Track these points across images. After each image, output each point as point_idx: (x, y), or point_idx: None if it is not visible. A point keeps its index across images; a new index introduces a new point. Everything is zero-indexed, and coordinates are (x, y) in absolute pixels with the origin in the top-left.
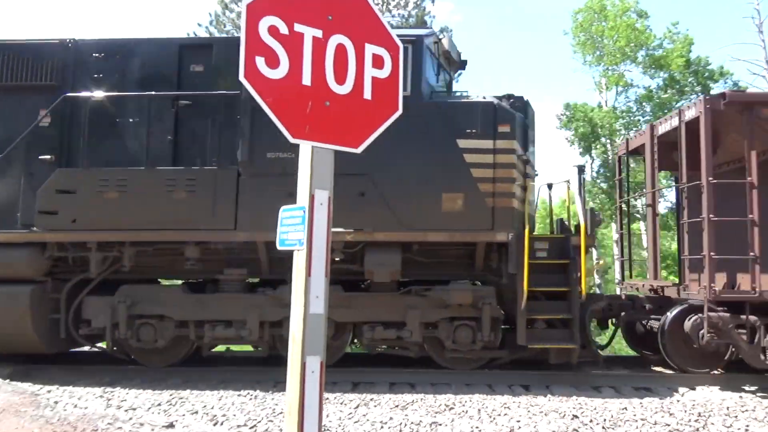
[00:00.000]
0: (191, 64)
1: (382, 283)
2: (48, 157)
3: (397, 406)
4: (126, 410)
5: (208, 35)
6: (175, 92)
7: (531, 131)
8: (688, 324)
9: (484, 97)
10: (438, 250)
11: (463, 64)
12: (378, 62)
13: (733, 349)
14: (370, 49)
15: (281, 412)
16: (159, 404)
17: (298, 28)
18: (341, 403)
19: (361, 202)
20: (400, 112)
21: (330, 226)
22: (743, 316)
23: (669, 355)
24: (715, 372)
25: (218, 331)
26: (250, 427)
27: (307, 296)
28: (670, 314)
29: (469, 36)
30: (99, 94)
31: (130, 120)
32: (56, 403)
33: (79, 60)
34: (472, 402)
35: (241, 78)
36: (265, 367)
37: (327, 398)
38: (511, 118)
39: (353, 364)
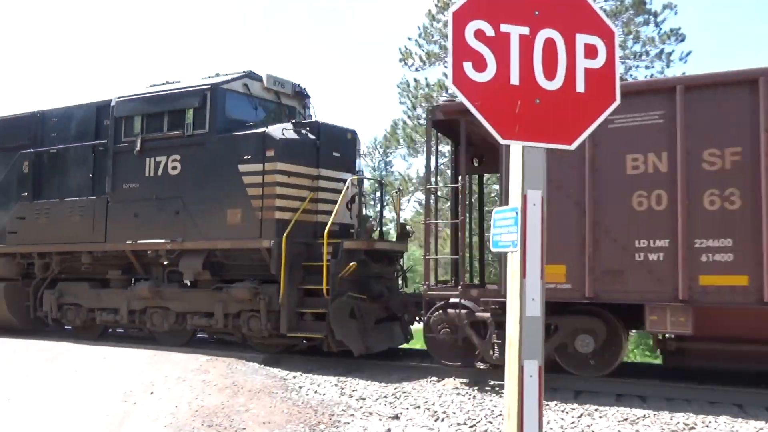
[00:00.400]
0: (104, 120)
1: (204, 281)
2: (25, 193)
3: (625, 419)
4: (357, 399)
5: (417, 47)
6: (90, 142)
7: (326, 150)
8: (431, 318)
9: (266, 127)
10: (237, 255)
11: (300, 95)
12: (591, 52)
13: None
14: (582, 39)
15: (500, 414)
16: (385, 396)
17: (504, 28)
18: (563, 411)
19: (176, 219)
20: (617, 102)
21: (544, 227)
22: (478, 313)
23: (429, 348)
24: (480, 365)
25: (105, 316)
26: (470, 426)
27: (522, 299)
28: (431, 311)
29: None
30: (51, 148)
31: (69, 164)
32: (300, 387)
33: (43, 124)
34: (718, 424)
35: (449, 84)
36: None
37: (547, 404)
38: (276, 143)
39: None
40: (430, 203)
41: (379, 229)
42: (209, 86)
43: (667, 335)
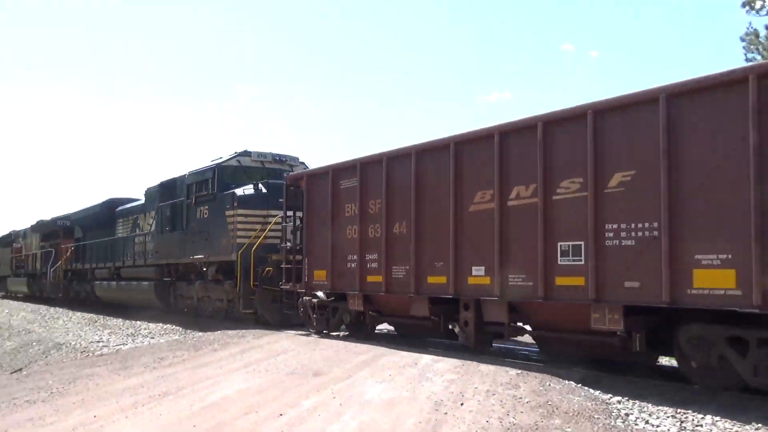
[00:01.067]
0: (183, 186)
1: (217, 280)
2: (160, 229)
3: None
4: None
5: (744, 58)
6: (178, 199)
7: (272, 199)
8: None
9: (235, 189)
10: (227, 264)
11: (280, 161)
12: None
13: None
14: None
15: None
16: None
17: None
18: None
19: (205, 243)
20: None
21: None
22: (329, 299)
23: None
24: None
25: (183, 302)
26: None
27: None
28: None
29: None
30: (168, 202)
31: (175, 212)
32: (627, 415)
33: (162, 188)
34: None
35: None
36: None
37: None
38: (237, 198)
39: None
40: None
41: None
42: (215, 166)
43: None
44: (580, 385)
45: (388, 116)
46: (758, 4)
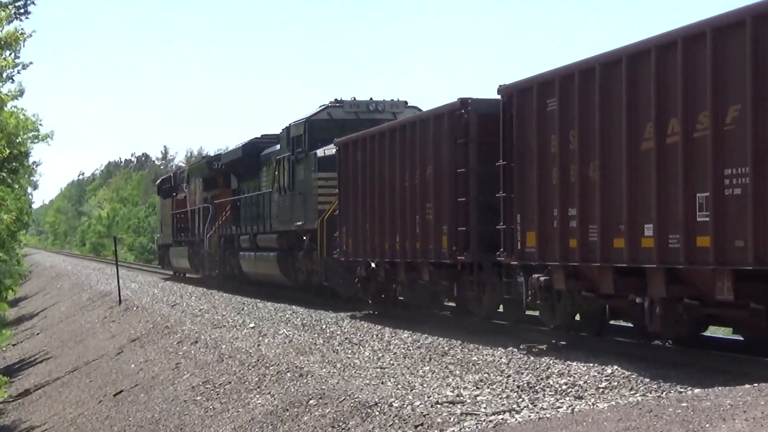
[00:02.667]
0: None
1: None
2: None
3: None
4: None
5: None
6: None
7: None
8: None
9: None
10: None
11: (377, 111)
12: None
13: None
14: None
15: None
16: None
17: None
18: None
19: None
20: None
21: None
22: None
23: None
24: None
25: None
26: None
27: None
28: None
29: None
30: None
31: None
32: None
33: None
34: None
35: None
36: None
37: None
38: (317, 160)
39: None
40: None
41: None
42: (304, 120)
43: None
44: None
45: None
46: None
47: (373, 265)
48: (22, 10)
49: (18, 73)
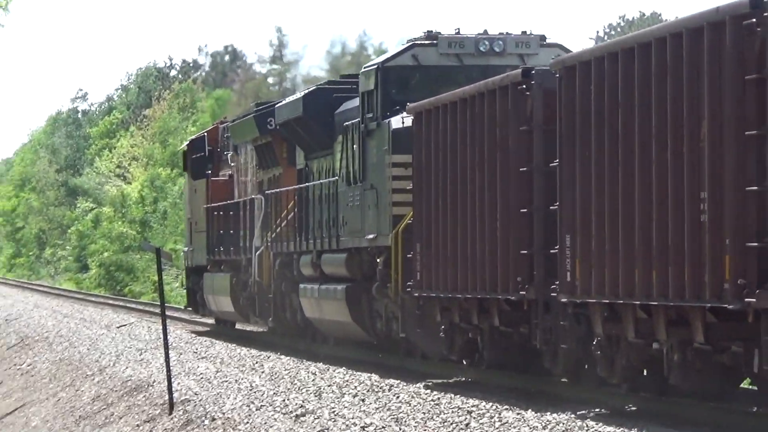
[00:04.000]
0: None
1: None
2: None
3: None
4: None
5: None
6: None
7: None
8: None
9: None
10: None
11: (492, 53)
12: None
13: None
14: None
15: None
16: None
17: None
18: None
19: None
20: None
21: None
22: None
23: None
24: None
25: None
26: None
27: None
28: None
29: None
30: None
31: None
32: None
33: None
34: None
35: None
36: None
37: None
38: (392, 134)
39: None
40: None
41: None
42: (376, 66)
43: None
44: None
45: None
46: None
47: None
48: None
49: None
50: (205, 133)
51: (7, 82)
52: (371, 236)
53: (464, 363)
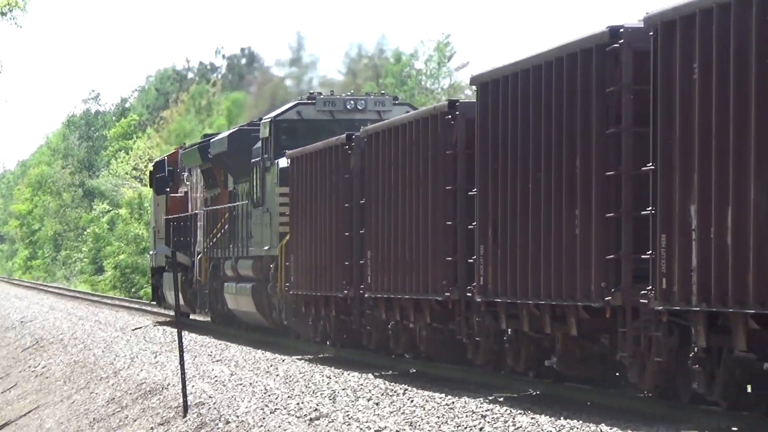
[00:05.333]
0: None
1: None
2: None
3: None
4: None
5: None
6: None
7: None
8: None
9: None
10: None
11: (356, 110)
12: None
13: None
14: None
15: None
16: None
17: None
18: None
19: None
20: None
21: None
22: None
23: None
24: None
25: None
26: None
27: None
28: None
29: None
30: None
31: None
32: None
33: None
34: None
35: None
36: None
37: None
38: (279, 171)
39: None
40: None
41: None
42: (269, 120)
43: None
44: None
45: None
46: None
47: None
48: None
49: None
50: (166, 157)
51: (24, 83)
52: (267, 248)
53: (327, 344)
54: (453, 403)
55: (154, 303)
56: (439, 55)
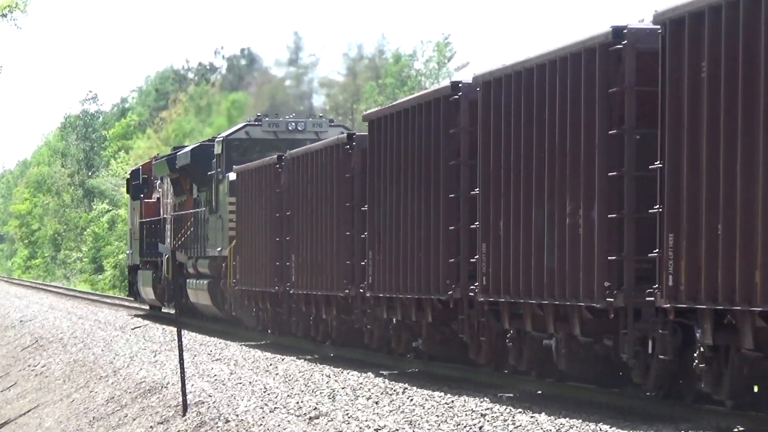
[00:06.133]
0: None
1: None
2: None
3: None
4: None
5: None
6: None
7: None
8: None
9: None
10: None
11: (297, 131)
12: None
13: None
14: None
15: None
16: None
17: None
18: None
19: None
20: None
21: None
22: None
23: None
24: None
25: None
26: None
27: None
28: None
29: None
30: None
31: None
32: None
33: None
34: None
35: None
36: None
37: None
38: (229, 184)
39: None
40: None
41: None
42: (222, 139)
43: None
44: None
45: None
46: None
47: None
48: None
49: None
50: (141, 166)
51: (24, 83)
52: (219, 249)
53: (269, 332)
54: (453, 402)
55: (131, 298)
56: (439, 55)
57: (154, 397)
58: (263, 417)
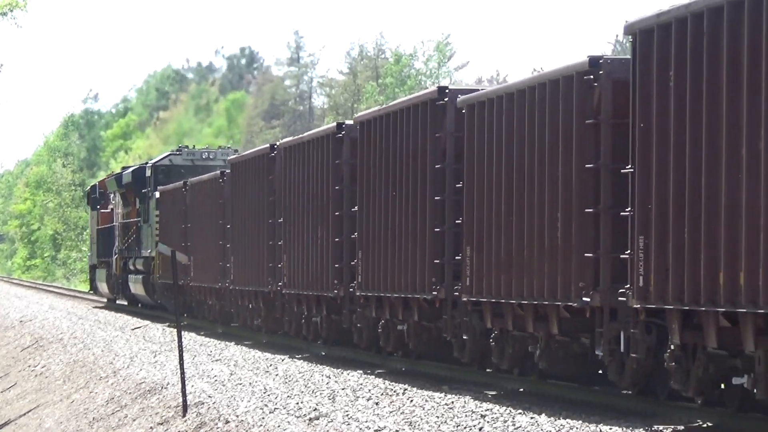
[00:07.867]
0: None
1: None
2: None
3: None
4: None
5: None
6: None
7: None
8: None
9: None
10: None
11: (209, 158)
12: None
13: None
14: None
15: None
16: None
17: None
18: None
19: None
20: None
21: None
22: None
23: None
24: None
25: None
26: None
27: None
28: None
29: None
30: None
31: None
32: None
33: None
34: None
35: None
36: None
37: None
38: (156, 200)
39: None
40: None
41: None
42: (151, 164)
43: None
44: None
45: None
46: None
47: None
48: None
49: None
50: (98, 182)
51: (24, 83)
52: (149, 251)
53: (185, 315)
54: (453, 402)
55: (92, 292)
56: (439, 55)
57: (154, 397)
58: (263, 418)
